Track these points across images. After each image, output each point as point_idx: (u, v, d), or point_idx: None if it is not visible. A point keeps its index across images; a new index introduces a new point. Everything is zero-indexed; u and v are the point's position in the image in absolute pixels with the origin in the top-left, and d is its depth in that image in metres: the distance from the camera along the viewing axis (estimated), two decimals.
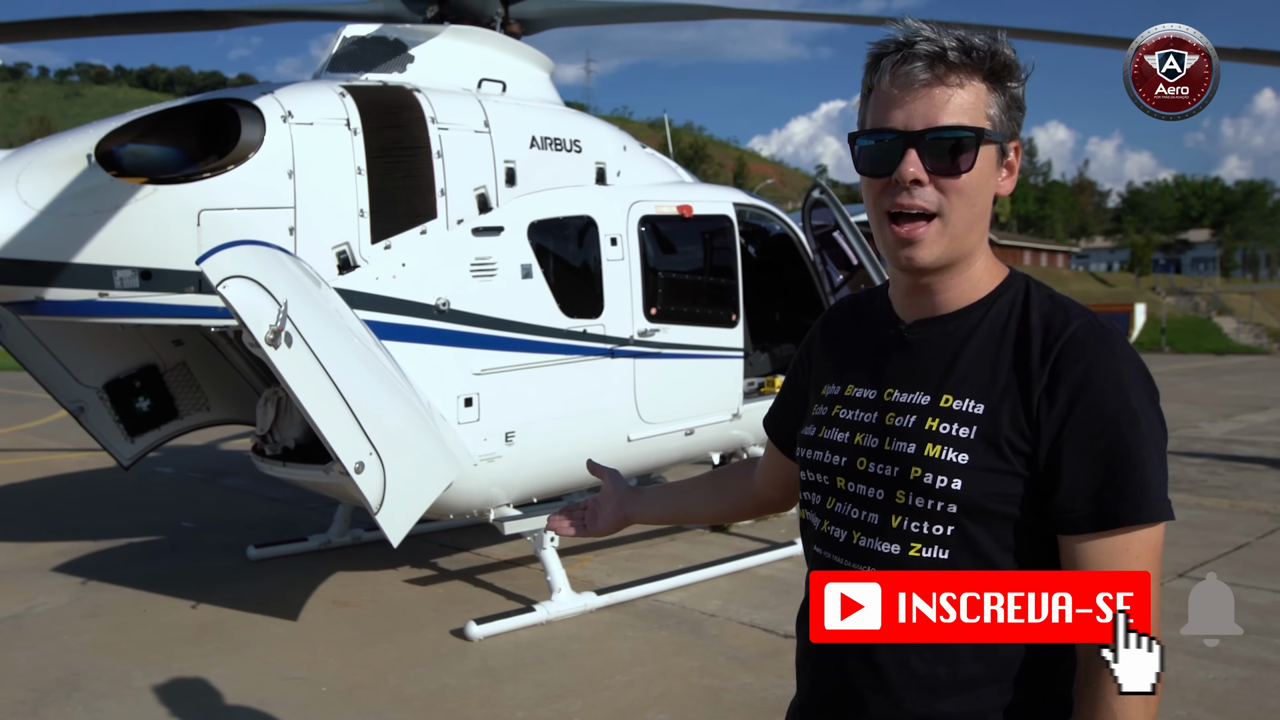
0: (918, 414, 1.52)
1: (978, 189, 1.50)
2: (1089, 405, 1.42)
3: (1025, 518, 1.46)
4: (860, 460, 1.57)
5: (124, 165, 5.24)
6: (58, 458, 11.81)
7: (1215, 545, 7.56)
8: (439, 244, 5.83)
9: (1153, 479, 1.42)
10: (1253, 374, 24.47)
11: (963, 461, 1.46)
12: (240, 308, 4.60)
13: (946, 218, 1.49)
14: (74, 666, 5.34)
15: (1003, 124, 1.50)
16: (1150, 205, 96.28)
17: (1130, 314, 38.83)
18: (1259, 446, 12.56)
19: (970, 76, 1.47)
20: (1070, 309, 1.51)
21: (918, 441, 1.50)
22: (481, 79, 6.43)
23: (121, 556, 7.52)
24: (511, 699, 4.89)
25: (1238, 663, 5.20)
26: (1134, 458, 1.41)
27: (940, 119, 1.46)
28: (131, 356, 6.81)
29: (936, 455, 1.47)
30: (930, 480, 1.47)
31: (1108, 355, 1.44)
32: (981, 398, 1.48)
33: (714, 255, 7.35)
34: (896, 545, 1.51)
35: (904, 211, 1.49)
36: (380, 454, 4.87)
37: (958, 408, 1.49)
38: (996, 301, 1.54)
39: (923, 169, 1.47)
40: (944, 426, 1.48)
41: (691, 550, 7.55)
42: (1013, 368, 1.47)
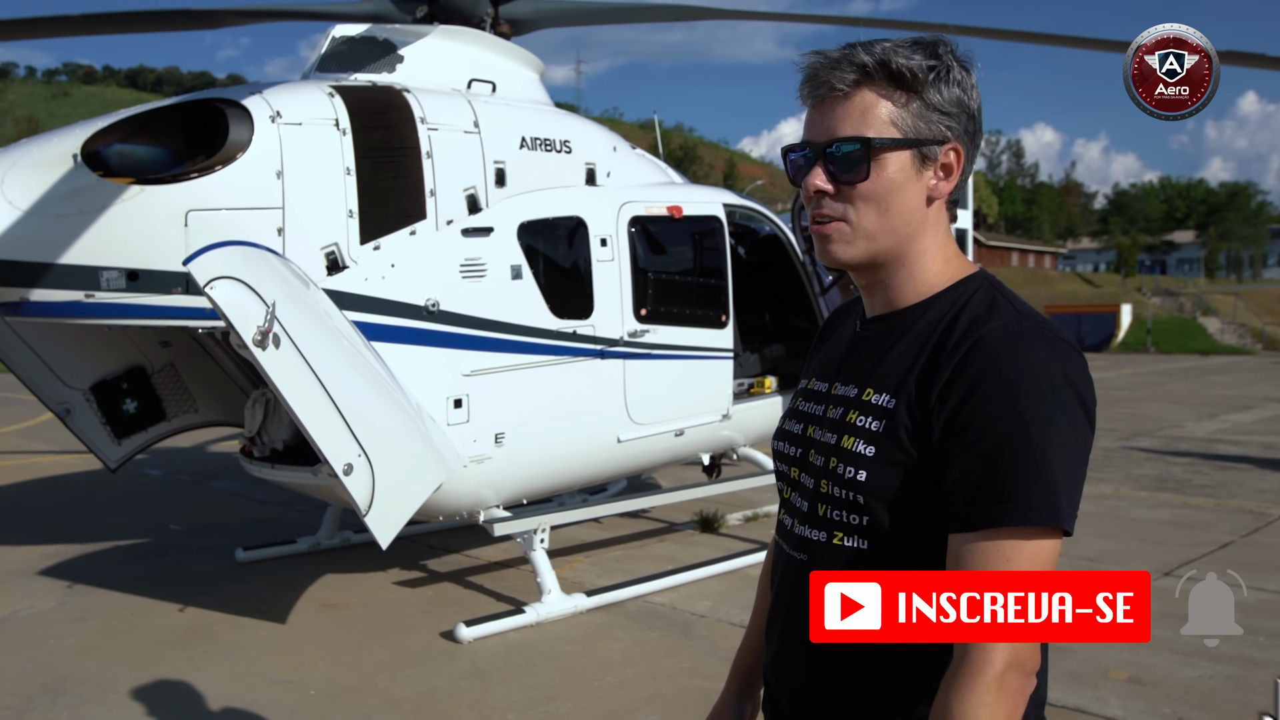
0: (844, 407, 1.57)
1: (885, 194, 1.53)
2: (975, 407, 1.41)
3: (928, 510, 1.47)
4: (810, 452, 1.62)
5: (110, 165, 5.21)
6: (44, 460, 11.74)
7: (1201, 544, 7.60)
8: (428, 245, 5.81)
9: (1032, 485, 1.38)
10: (1237, 374, 24.62)
11: (869, 454, 1.49)
12: (227, 309, 4.58)
13: (853, 222, 1.54)
14: (59, 671, 5.30)
15: (918, 129, 1.51)
16: (1136, 207, 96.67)
17: (1117, 314, 39.07)
18: (1243, 446, 12.64)
19: (866, 88, 1.51)
20: (1001, 313, 1.49)
21: (838, 433, 1.55)
22: (471, 79, 6.42)
23: (108, 559, 7.48)
24: (501, 701, 4.88)
25: (1223, 660, 5.22)
26: (1011, 462, 1.38)
27: (837, 131, 1.52)
28: (118, 358, 6.77)
29: (849, 446, 1.52)
30: (842, 471, 1.52)
31: (1010, 358, 1.42)
32: (894, 392, 1.50)
33: (704, 256, 7.36)
34: (823, 533, 1.56)
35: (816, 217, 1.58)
36: (369, 456, 4.85)
37: (874, 401, 1.52)
38: (940, 301, 1.55)
39: (827, 180, 1.54)
40: (860, 419, 1.52)
41: (681, 551, 7.55)
42: (924, 365, 1.48)
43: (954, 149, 1.53)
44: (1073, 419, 1.43)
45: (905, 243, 1.56)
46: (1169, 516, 8.62)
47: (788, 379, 7.93)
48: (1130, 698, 4.78)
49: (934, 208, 1.56)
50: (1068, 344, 1.47)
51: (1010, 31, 6.20)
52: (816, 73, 1.53)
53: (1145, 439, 13.32)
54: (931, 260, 1.57)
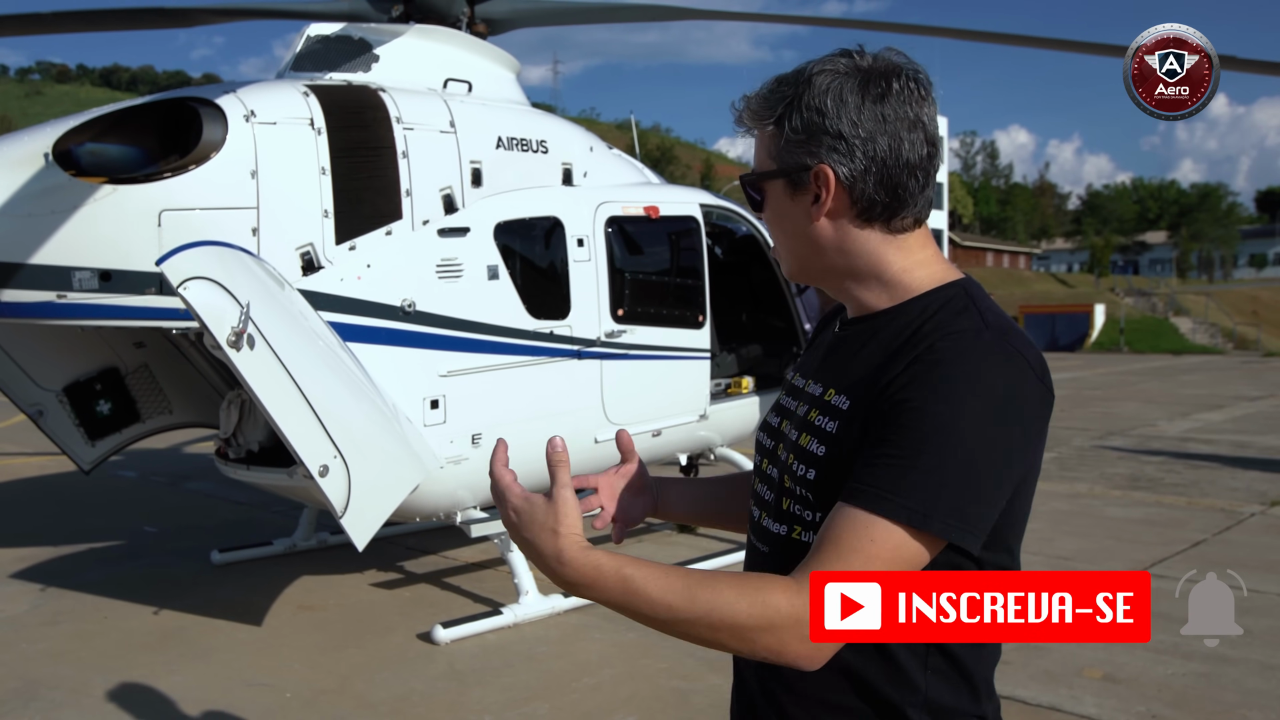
0: (808, 404, 1.60)
1: (776, 220, 1.65)
2: (899, 401, 1.42)
3: None
4: (780, 446, 1.65)
5: (83, 164, 5.16)
6: (16, 462, 11.61)
7: (1173, 542, 7.68)
8: (404, 245, 5.79)
9: (916, 485, 1.38)
10: (1208, 373, 24.88)
11: (820, 453, 1.52)
12: (201, 309, 4.54)
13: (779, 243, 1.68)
14: (31, 675, 5.25)
15: (780, 159, 1.58)
16: (1109, 208, 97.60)
17: (1090, 315, 39.38)
18: (1215, 445, 12.78)
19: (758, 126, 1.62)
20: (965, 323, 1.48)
21: (799, 430, 1.58)
22: (447, 79, 6.40)
23: (82, 562, 7.40)
24: (478, 703, 4.87)
25: (1196, 658, 5.28)
26: (906, 456, 1.38)
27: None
28: (92, 359, 6.71)
29: (805, 445, 1.55)
30: (797, 468, 1.55)
31: (952, 364, 1.42)
32: (851, 395, 1.52)
33: (681, 256, 7.37)
34: (784, 527, 1.59)
35: None
36: (345, 457, 4.83)
37: (833, 402, 1.54)
38: (912, 306, 1.55)
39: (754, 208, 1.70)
40: (819, 419, 1.55)
41: (659, 552, 7.55)
42: (879, 368, 1.49)
43: (820, 172, 1.54)
44: (997, 436, 1.40)
45: (817, 260, 1.61)
46: (1142, 515, 8.70)
47: (765, 379, 7.95)
48: (1105, 696, 4.83)
49: (835, 227, 1.57)
50: (1022, 360, 1.45)
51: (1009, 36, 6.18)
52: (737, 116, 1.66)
53: (1118, 438, 13.44)
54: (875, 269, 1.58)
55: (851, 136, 1.52)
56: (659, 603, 1.36)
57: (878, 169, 1.53)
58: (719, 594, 1.35)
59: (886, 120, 1.52)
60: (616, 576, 1.37)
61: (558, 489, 1.45)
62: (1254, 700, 4.78)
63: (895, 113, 1.53)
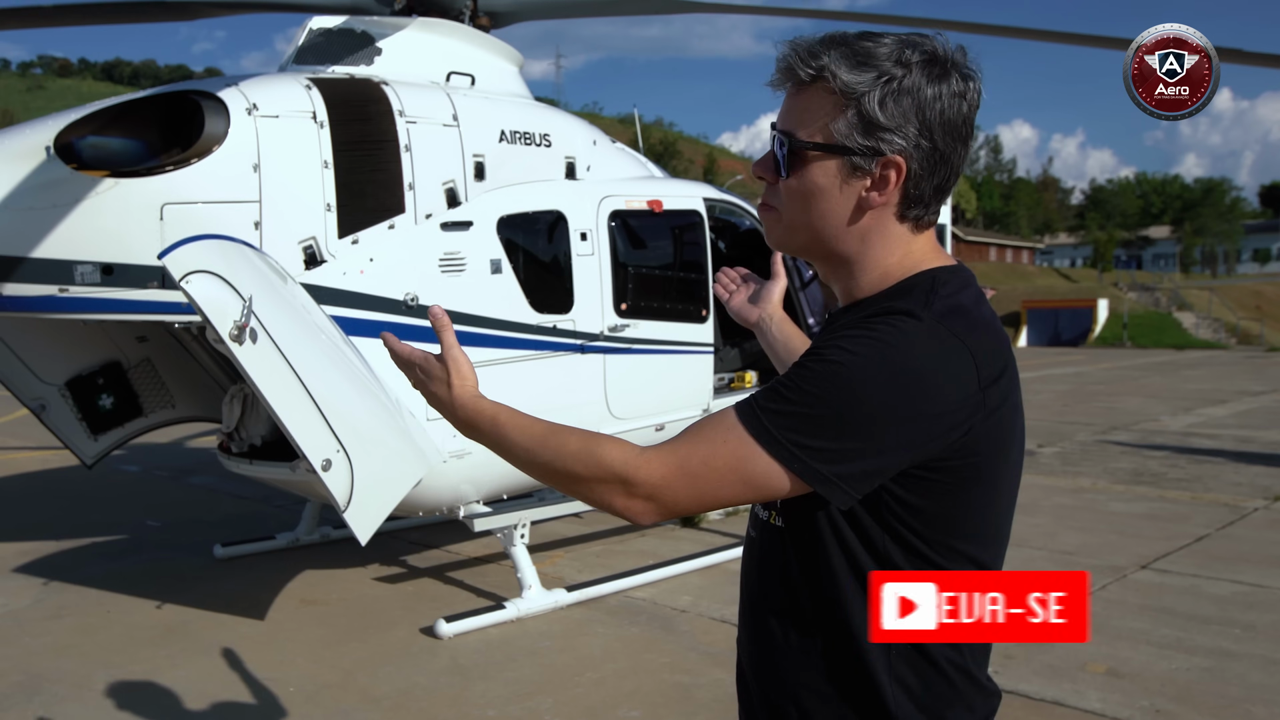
0: None
1: (807, 194, 1.53)
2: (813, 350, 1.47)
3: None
4: None
5: (84, 158, 5.15)
6: (19, 456, 11.61)
7: (1176, 537, 7.67)
8: (407, 239, 5.78)
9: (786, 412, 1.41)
10: (1212, 368, 24.85)
11: None
12: (203, 303, 4.53)
13: (780, 214, 1.58)
14: (35, 669, 5.25)
15: (852, 139, 1.48)
16: (1112, 202, 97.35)
17: (1093, 309, 39.34)
18: (1218, 439, 12.76)
19: (818, 85, 1.49)
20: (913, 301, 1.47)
21: None
22: (450, 72, 6.39)
23: (85, 556, 7.41)
24: (481, 697, 4.87)
25: (1200, 653, 5.28)
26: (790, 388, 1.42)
27: (781, 122, 1.54)
28: (94, 353, 6.70)
29: None
30: None
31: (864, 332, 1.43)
32: None
33: (684, 250, 7.35)
34: (766, 512, 1.63)
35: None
36: (348, 451, 4.82)
37: None
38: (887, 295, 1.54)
39: (768, 166, 1.57)
40: None
41: (662, 546, 7.55)
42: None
43: (894, 163, 1.48)
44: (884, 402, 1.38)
45: (834, 243, 1.55)
46: (1145, 510, 8.69)
47: (768, 374, 7.94)
48: (1108, 690, 4.82)
49: (874, 215, 1.53)
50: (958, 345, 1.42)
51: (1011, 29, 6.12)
52: (785, 60, 1.52)
53: (1122, 433, 13.43)
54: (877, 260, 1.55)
55: (936, 137, 1.48)
56: (518, 444, 1.54)
57: (942, 172, 1.51)
58: (565, 444, 1.50)
59: (961, 125, 1.50)
60: (490, 420, 1.58)
61: (447, 350, 1.65)
62: (1258, 695, 4.76)
63: (967, 120, 1.51)
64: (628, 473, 1.44)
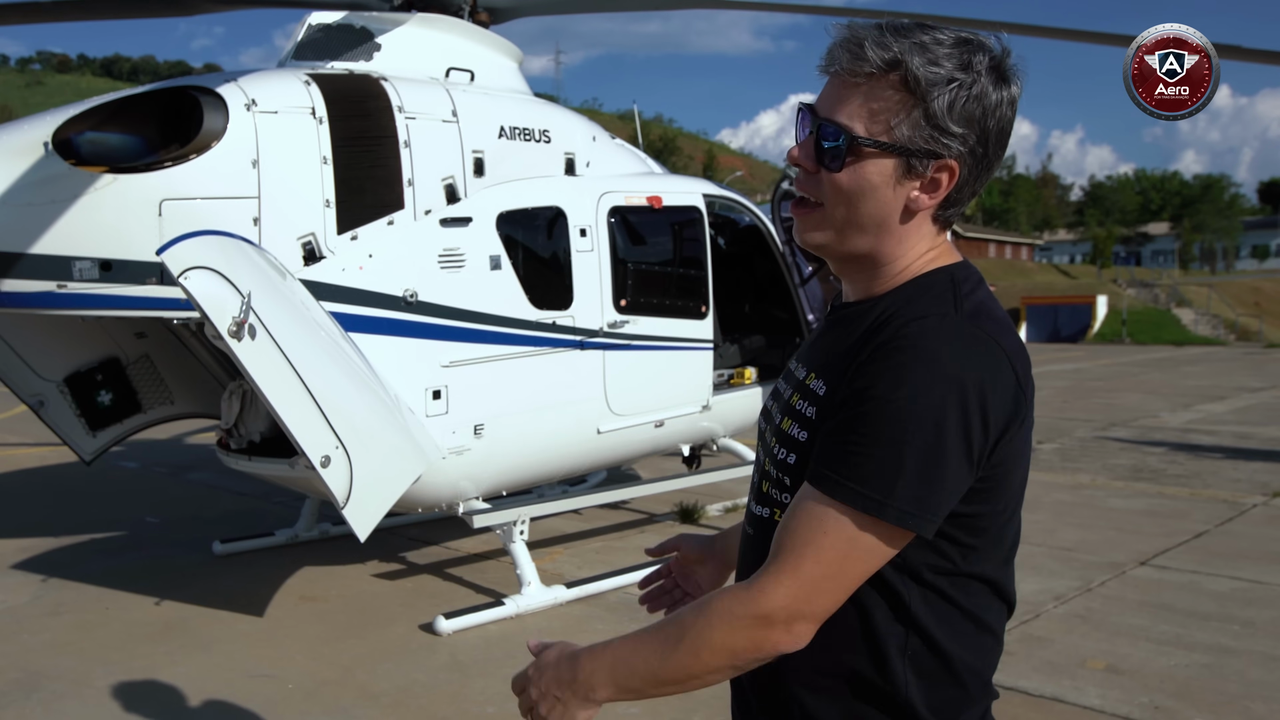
0: (792, 389, 1.58)
1: (857, 192, 1.47)
2: (864, 384, 1.39)
3: None
4: (767, 431, 1.65)
5: (83, 154, 5.14)
6: (18, 453, 11.60)
7: (1176, 533, 7.67)
8: (406, 235, 5.77)
9: (868, 469, 1.36)
10: (1210, 364, 24.84)
11: (801, 438, 1.50)
12: (202, 299, 4.53)
13: (826, 210, 1.51)
14: (33, 666, 5.24)
15: (911, 139, 1.43)
16: (1111, 199, 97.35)
17: (1092, 306, 39.31)
18: (1217, 436, 12.77)
19: (881, 79, 1.43)
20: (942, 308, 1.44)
21: (782, 415, 1.57)
22: (449, 68, 6.38)
23: (84, 553, 7.40)
24: (481, 694, 4.86)
25: (1198, 649, 5.28)
26: (865, 442, 1.37)
27: (834, 112, 1.46)
28: (93, 349, 6.69)
29: (786, 429, 1.54)
30: (778, 452, 1.55)
31: (917, 348, 1.38)
32: (828, 379, 1.49)
33: (684, 247, 7.35)
34: (766, 510, 1.58)
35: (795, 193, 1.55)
36: (347, 448, 4.82)
37: (812, 386, 1.51)
38: (901, 291, 1.51)
39: (811, 156, 1.50)
40: (799, 403, 1.53)
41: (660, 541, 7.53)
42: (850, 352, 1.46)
43: (948, 167, 1.45)
44: (954, 424, 1.36)
45: (874, 242, 1.51)
46: (1144, 506, 8.69)
47: (767, 370, 7.93)
48: (1108, 687, 4.82)
49: (922, 217, 1.50)
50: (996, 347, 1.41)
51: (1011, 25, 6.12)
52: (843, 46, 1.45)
53: (1121, 429, 13.43)
54: (904, 259, 1.53)
55: (989, 144, 1.47)
56: (649, 671, 1.45)
57: (985, 177, 1.51)
58: (691, 637, 1.42)
59: (1009, 133, 1.49)
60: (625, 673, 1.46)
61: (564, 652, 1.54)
62: (1256, 691, 4.76)
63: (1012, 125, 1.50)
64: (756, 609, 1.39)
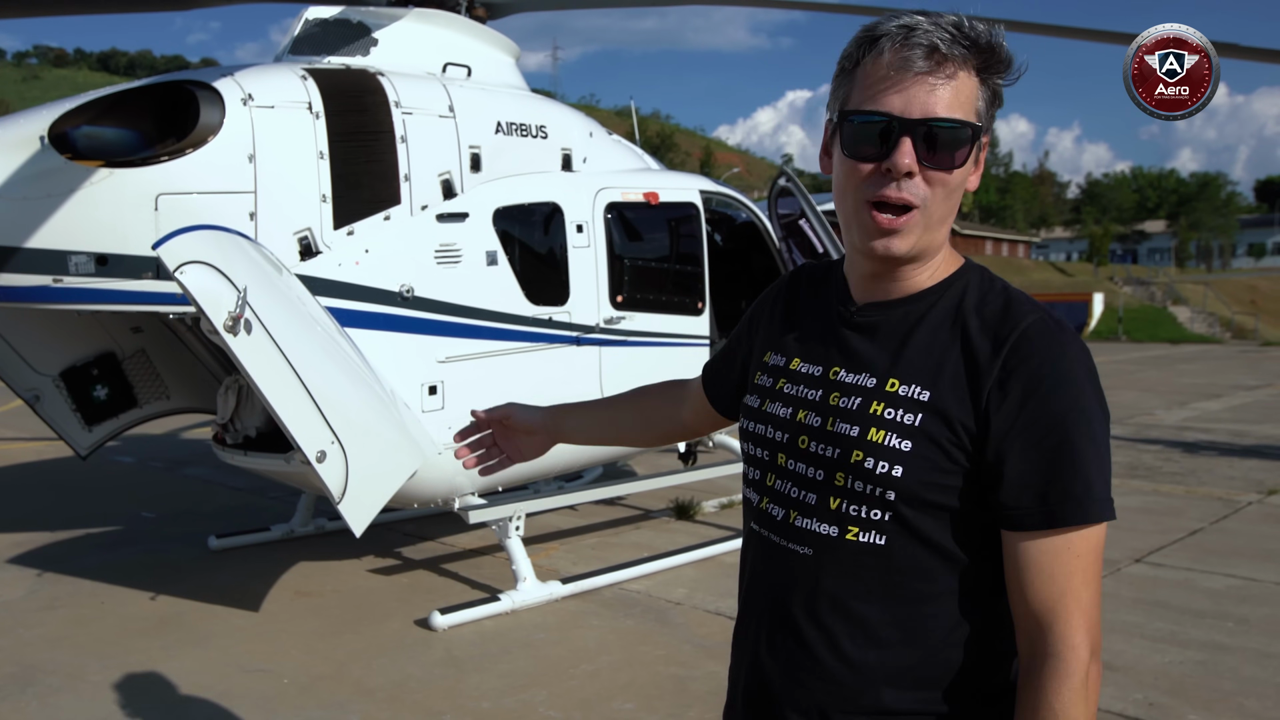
0: (863, 396, 1.50)
1: (960, 184, 1.49)
2: (1040, 403, 1.41)
3: (963, 507, 1.45)
4: (802, 438, 1.55)
5: (79, 148, 5.12)
6: (13, 447, 11.59)
7: (1170, 531, 7.69)
8: (403, 230, 5.77)
9: (1096, 479, 1.41)
10: (1206, 362, 24.87)
11: (905, 449, 1.44)
12: (198, 294, 4.52)
13: (927, 210, 1.46)
14: (29, 660, 5.24)
15: (984, 119, 1.48)
16: (1108, 196, 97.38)
17: (1089, 303, 39.36)
18: (1213, 433, 12.79)
19: (964, 68, 1.44)
20: (1024, 304, 1.49)
21: (861, 425, 1.48)
22: (446, 63, 6.36)
23: (79, 547, 7.39)
24: (476, 689, 4.87)
25: (1193, 646, 5.29)
26: (1080, 458, 1.40)
27: (937, 110, 1.42)
28: (88, 344, 6.68)
29: (880, 440, 1.46)
30: (871, 465, 1.46)
31: (1060, 354, 1.43)
32: (928, 384, 1.46)
33: (680, 243, 7.34)
34: (834, 527, 1.50)
35: (888, 201, 1.46)
36: (342, 443, 4.81)
37: (903, 393, 1.47)
38: (949, 290, 1.52)
39: (915, 160, 1.43)
40: (888, 411, 1.47)
41: (657, 538, 7.55)
42: (961, 357, 1.45)
43: (984, 144, 1.51)
44: (1105, 409, 1.48)
45: (943, 234, 1.53)
46: (1140, 504, 8.71)
47: None
48: (1102, 684, 4.82)
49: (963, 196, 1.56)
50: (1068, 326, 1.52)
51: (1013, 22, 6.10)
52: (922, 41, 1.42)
53: (1117, 427, 13.43)
54: (942, 252, 1.56)
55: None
56: None
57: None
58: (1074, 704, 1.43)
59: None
60: None
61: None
62: (1251, 688, 4.78)
63: None
64: (1082, 668, 1.44)
